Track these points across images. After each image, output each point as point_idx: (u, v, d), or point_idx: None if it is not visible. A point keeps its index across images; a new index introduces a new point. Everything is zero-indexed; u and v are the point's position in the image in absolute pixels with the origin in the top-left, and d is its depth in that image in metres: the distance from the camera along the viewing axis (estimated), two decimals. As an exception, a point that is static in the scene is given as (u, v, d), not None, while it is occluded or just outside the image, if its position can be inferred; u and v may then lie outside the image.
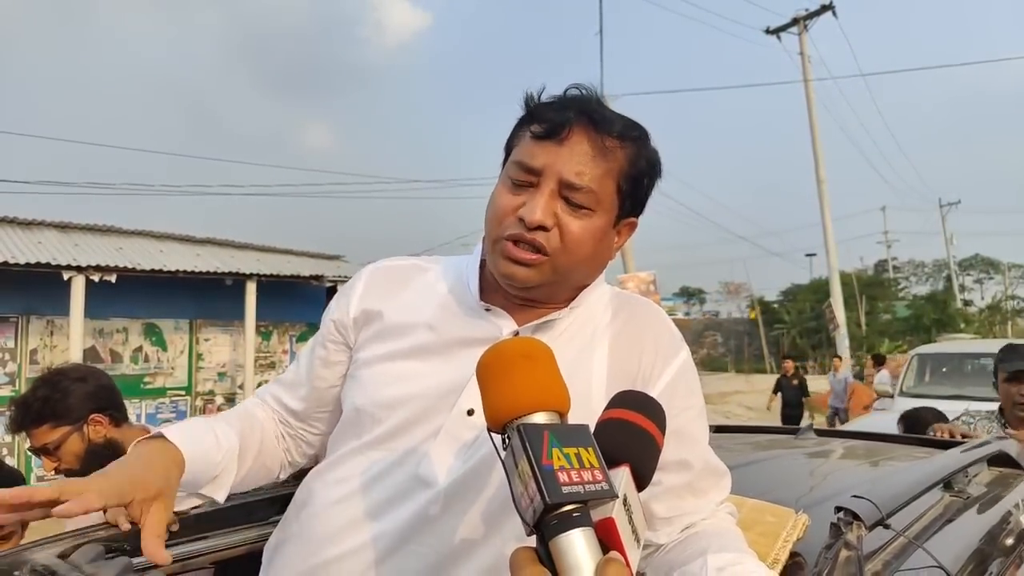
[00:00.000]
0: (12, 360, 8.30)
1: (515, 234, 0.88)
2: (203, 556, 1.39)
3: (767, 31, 21.72)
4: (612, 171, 0.89)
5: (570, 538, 0.54)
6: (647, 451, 0.67)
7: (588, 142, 0.87)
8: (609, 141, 0.88)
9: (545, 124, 0.87)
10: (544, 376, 0.62)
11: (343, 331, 1.00)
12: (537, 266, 0.88)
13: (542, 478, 0.54)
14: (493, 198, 0.93)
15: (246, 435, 0.99)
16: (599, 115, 0.88)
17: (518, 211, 0.88)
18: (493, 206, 0.92)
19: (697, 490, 0.93)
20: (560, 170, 0.86)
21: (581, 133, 0.87)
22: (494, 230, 0.91)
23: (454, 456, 0.88)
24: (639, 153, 0.91)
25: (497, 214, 0.90)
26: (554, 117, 0.87)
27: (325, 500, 0.93)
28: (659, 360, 0.95)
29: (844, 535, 0.93)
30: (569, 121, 0.87)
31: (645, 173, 0.93)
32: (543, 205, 0.86)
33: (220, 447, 0.93)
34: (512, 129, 0.95)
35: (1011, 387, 2.52)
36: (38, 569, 1.10)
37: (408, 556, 0.86)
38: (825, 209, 20.29)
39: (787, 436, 2.41)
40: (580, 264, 0.91)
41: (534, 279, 0.89)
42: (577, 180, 0.86)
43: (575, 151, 0.87)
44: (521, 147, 0.90)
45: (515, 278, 0.89)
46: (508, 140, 0.96)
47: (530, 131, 0.89)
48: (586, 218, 0.88)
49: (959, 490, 1.45)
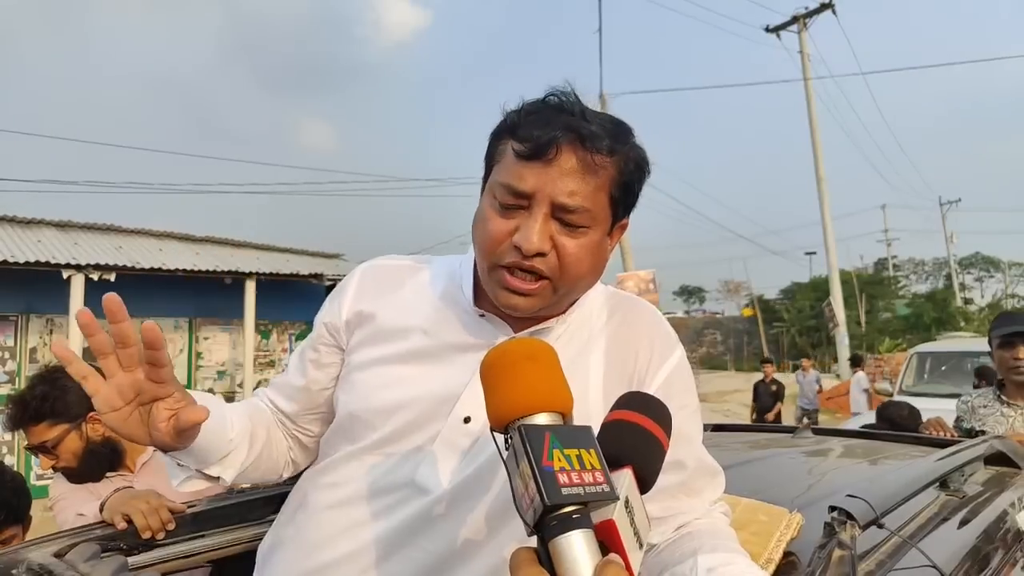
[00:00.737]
0: (12, 358, 8.30)
1: (513, 262, 0.85)
2: (200, 555, 1.39)
3: (767, 29, 21.71)
4: (604, 185, 0.85)
5: (569, 539, 0.54)
6: (651, 454, 0.67)
7: (577, 160, 0.83)
8: (599, 158, 0.83)
9: (529, 144, 0.82)
10: (547, 377, 0.62)
11: (335, 334, 0.99)
12: (538, 293, 0.87)
13: (542, 479, 0.54)
14: (482, 220, 0.88)
15: (256, 421, 0.98)
16: (586, 130, 0.83)
17: (512, 237, 0.84)
18: (484, 230, 0.87)
19: (691, 490, 0.93)
20: (551, 192, 0.83)
21: (569, 152, 0.83)
22: (488, 257, 0.87)
23: (451, 463, 0.88)
24: (628, 159, 0.87)
25: (490, 240, 0.86)
26: (539, 136, 0.82)
27: (319, 504, 0.93)
28: (654, 359, 0.95)
29: (838, 534, 0.93)
30: (556, 140, 0.82)
31: (635, 177, 0.90)
32: (539, 231, 0.83)
33: (234, 425, 0.92)
34: (490, 139, 0.90)
35: (1005, 352, 2.54)
36: (34, 568, 1.10)
37: (404, 561, 0.86)
38: (825, 207, 20.28)
39: (784, 435, 2.42)
40: (580, 279, 0.89)
41: (536, 305, 0.88)
42: (570, 201, 0.83)
43: (565, 170, 0.83)
44: (506, 167, 0.86)
45: (517, 308, 0.88)
46: (488, 152, 0.91)
47: (513, 149, 0.85)
48: (582, 236, 0.86)
49: (955, 489, 1.45)
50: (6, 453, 8.04)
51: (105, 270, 8.20)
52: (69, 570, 1.09)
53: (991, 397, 2.59)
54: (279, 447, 1.03)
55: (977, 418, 2.56)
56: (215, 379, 9.85)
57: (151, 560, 1.29)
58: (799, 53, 20.91)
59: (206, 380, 9.76)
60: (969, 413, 2.60)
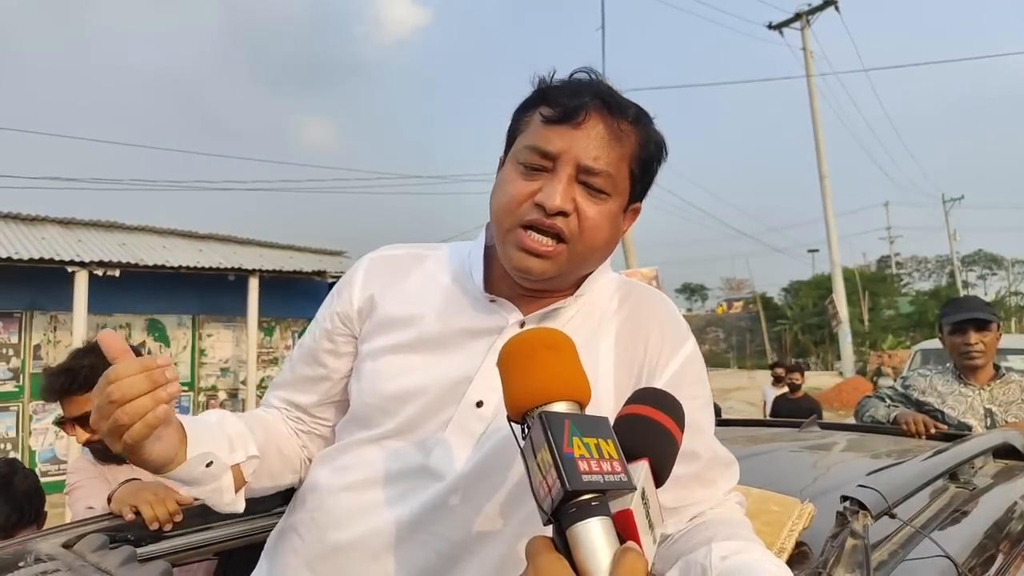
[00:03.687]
0: (16, 355, 8.31)
1: (533, 220, 0.86)
2: (207, 547, 1.39)
3: (770, 26, 21.70)
4: (626, 155, 0.88)
5: (588, 526, 0.54)
6: (666, 448, 0.67)
7: (604, 126, 0.86)
8: (624, 125, 0.87)
9: (559, 108, 0.86)
10: (566, 366, 0.62)
11: (348, 323, 0.99)
12: (554, 257, 0.87)
13: (563, 465, 0.53)
14: (503, 185, 0.90)
15: (250, 423, 0.96)
16: (613, 99, 0.87)
17: (535, 196, 0.85)
18: (504, 192, 0.89)
19: (704, 480, 0.92)
20: (578, 154, 0.85)
21: (597, 117, 0.86)
22: (507, 218, 0.88)
23: (464, 448, 0.88)
24: (649, 136, 0.91)
25: (511, 201, 0.87)
26: (568, 101, 0.86)
27: (332, 486, 0.93)
28: (665, 349, 0.94)
29: (850, 524, 0.93)
30: (585, 105, 0.85)
31: (655, 157, 0.92)
32: (563, 190, 0.85)
33: (222, 426, 0.90)
34: (515, 114, 0.93)
35: (956, 338, 2.62)
36: (42, 558, 1.10)
37: (419, 545, 0.86)
38: (828, 205, 20.27)
39: (791, 429, 2.41)
40: (596, 250, 0.90)
41: (549, 271, 0.88)
42: (595, 164, 0.85)
43: (592, 135, 0.85)
44: (532, 131, 0.88)
45: (531, 272, 0.88)
46: (512, 125, 0.93)
47: (541, 115, 0.87)
48: (603, 203, 0.87)
49: (965, 481, 1.44)
50: (10, 450, 8.05)
51: (109, 267, 8.22)
52: (77, 560, 1.09)
53: (950, 377, 2.66)
54: (289, 443, 1.01)
55: (936, 395, 2.62)
56: (218, 376, 9.86)
57: (159, 551, 1.29)
58: (802, 50, 20.89)
59: (209, 377, 9.77)
60: (929, 390, 2.64)
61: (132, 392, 0.71)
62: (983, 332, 2.58)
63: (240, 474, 0.90)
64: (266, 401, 1.07)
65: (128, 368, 0.71)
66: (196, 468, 0.83)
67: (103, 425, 0.72)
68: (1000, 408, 2.53)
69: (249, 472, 0.91)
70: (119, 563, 1.05)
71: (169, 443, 0.79)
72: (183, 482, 0.84)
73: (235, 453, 0.89)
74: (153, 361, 0.73)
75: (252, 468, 0.91)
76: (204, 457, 0.83)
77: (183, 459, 0.81)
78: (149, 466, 0.78)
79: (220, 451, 0.86)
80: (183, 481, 0.84)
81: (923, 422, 2.32)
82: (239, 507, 0.91)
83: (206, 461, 0.84)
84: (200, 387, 9.64)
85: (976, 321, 2.58)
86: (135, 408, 0.71)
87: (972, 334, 2.57)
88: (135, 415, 0.71)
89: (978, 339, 2.56)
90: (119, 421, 0.71)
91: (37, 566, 1.07)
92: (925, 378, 2.69)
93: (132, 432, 0.72)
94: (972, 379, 2.60)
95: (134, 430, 0.71)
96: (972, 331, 2.57)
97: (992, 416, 2.51)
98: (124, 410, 0.70)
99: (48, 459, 8.25)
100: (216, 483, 0.86)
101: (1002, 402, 2.54)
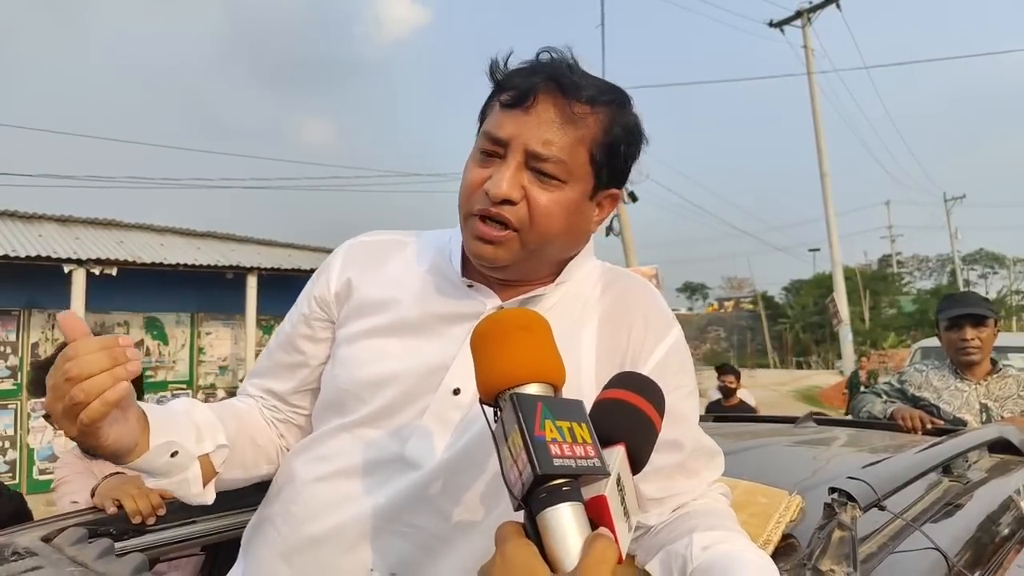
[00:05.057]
0: (14, 354, 8.30)
1: (482, 209, 0.84)
2: (191, 540, 1.38)
3: (771, 24, 21.64)
4: (583, 139, 0.84)
5: (558, 512, 0.52)
6: (644, 433, 0.65)
7: (555, 109, 0.83)
8: (578, 107, 0.83)
9: (512, 92, 0.84)
10: (540, 347, 0.60)
11: (325, 307, 0.98)
12: (504, 243, 0.85)
13: (533, 448, 0.52)
14: (464, 172, 0.89)
15: (221, 412, 0.93)
16: (568, 80, 0.83)
17: (484, 184, 0.84)
18: (463, 180, 0.88)
19: (688, 470, 0.91)
20: (526, 140, 0.82)
21: (547, 100, 0.83)
22: (464, 205, 0.87)
23: (441, 437, 0.86)
24: (613, 119, 0.86)
25: (466, 188, 0.87)
26: (520, 84, 0.83)
27: (307, 477, 0.91)
28: (649, 337, 0.92)
29: (838, 515, 0.92)
30: (535, 87, 0.82)
31: (621, 140, 0.87)
32: (508, 177, 0.82)
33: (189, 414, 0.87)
34: (486, 99, 0.91)
35: (952, 334, 2.61)
36: (20, 552, 1.09)
37: (396, 536, 0.84)
38: (828, 204, 20.22)
39: (786, 425, 2.40)
40: (552, 239, 0.87)
41: (502, 258, 0.86)
42: (544, 150, 0.82)
43: (542, 119, 0.83)
44: (491, 117, 0.87)
45: (483, 257, 0.86)
46: (481, 110, 0.91)
47: (499, 100, 0.86)
48: (556, 190, 0.84)
49: (959, 475, 1.43)
50: (8, 447, 8.05)
51: (107, 264, 8.20)
52: (55, 553, 1.07)
53: (947, 372, 2.65)
54: (264, 433, 0.99)
55: (932, 390, 2.61)
56: (217, 374, 9.85)
57: (141, 545, 1.28)
58: (803, 48, 20.84)
59: (208, 375, 9.76)
60: (925, 385, 2.63)
61: (91, 369, 0.67)
62: (979, 328, 2.56)
63: (210, 465, 0.87)
64: (242, 390, 1.05)
65: (87, 346, 0.68)
66: (160, 458, 0.79)
67: (58, 406, 0.68)
68: (996, 403, 2.51)
69: (219, 462, 0.88)
70: (95, 556, 1.03)
71: (129, 429, 0.75)
72: (147, 473, 0.81)
73: (203, 443, 0.85)
74: (114, 339, 0.70)
75: (222, 458, 0.88)
76: (168, 446, 0.80)
77: (145, 448, 0.77)
78: (107, 452, 0.74)
79: (187, 440, 0.82)
80: (147, 472, 0.81)
81: (919, 417, 2.31)
82: (208, 499, 0.89)
83: (171, 451, 0.80)
84: (199, 385, 9.63)
85: (972, 317, 2.57)
86: (92, 385, 0.67)
87: (968, 330, 2.55)
88: (92, 392, 0.67)
89: (974, 335, 2.55)
90: (75, 399, 0.67)
91: (15, 560, 1.06)
92: (921, 373, 2.68)
93: (89, 411, 0.68)
94: (968, 374, 2.59)
95: (91, 408, 0.67)
96: (968, 327, 2.56)
97: (988, 411, 2.51)
98: (81, 387, 0.67)
99: (46, 456, 8.24)
100: (182, 474, 0.83)
101: (998, 397, 2.53)
